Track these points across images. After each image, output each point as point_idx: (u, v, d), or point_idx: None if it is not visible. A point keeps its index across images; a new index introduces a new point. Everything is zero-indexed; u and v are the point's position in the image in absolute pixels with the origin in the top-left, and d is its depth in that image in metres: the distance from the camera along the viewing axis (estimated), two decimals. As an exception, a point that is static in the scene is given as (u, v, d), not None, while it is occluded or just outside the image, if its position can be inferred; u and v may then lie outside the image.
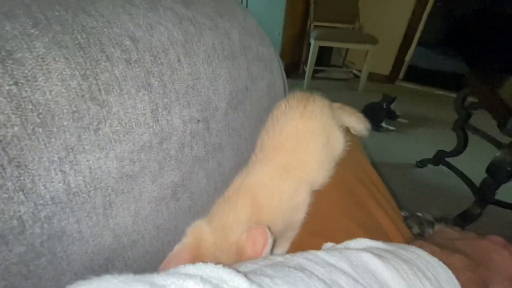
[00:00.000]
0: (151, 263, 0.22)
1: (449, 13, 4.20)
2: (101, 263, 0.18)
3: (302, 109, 0.32)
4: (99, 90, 0.16)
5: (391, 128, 1.80)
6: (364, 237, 0.23)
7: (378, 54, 2.37)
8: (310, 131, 0.31)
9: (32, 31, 0.14)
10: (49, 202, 0.14)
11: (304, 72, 2.39)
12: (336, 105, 0.47)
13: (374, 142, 1.70)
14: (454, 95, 1.23)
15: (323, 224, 0.32)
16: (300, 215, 0.28)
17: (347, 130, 0.47)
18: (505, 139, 0.83)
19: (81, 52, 0.15)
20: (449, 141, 1.32)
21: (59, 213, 0.15)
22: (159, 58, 0.20)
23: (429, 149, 1.41)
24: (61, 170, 0.14)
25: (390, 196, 0.44)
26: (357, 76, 2.48)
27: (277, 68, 0.42)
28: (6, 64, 0.13)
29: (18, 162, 0.13)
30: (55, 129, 0.14)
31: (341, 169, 0.36)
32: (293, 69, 2.69)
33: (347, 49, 2.65)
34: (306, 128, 0.31)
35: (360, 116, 0.49)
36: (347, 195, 0.35)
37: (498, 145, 0.91)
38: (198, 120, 0.25)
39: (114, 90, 0.17)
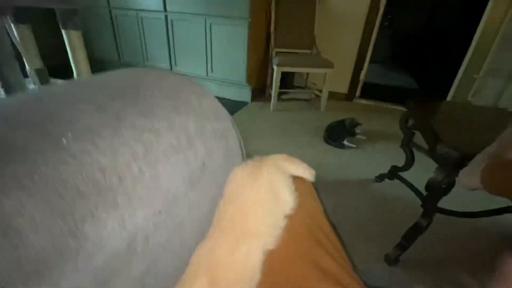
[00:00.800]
0: None
1: (395, 32, 4.70)
2: None
3: (251, 184, 0.39)
4: (76, 225, 0.21)
5: (352, 145, 1.96)
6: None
7: (336, 75, 2.57)
8: (258, 202, 0.37)
9: (24, 199, 0.18)
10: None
11: (270, 95, 2.51)
12: (283, 158, 0.54)
13: (338, 160, 1.82)
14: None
15: (276, 277, 0.37)
16: (257, 277, 0.34)
17: (299, 179, 0.54)
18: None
19: (61, 201, 0.20)
20: (403, 155, 1.47)
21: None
22: (124, 176, 0.26)
23: (387, 164, 1.56)
24: (49, 300, 0.19)
25: (339, 244, 0.49)
26: (318, 96, 2.66)
27: (232, 133, 0.49)
28: (7, 234, 0.17)
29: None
30: (44, 271, 0.18)
31: (293, 221, 0.43)
32: (259, 92, 2.81)
33: (308, 72, 2.84)
34: (255, 200, 0.37)
35: (305, 166, 0.56)
36: (297, 248, 0.41)
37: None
38: (160, 211, 0.30)
39: (88, 219, 0.22)
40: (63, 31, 1.29)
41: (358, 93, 2.90)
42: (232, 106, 2.54)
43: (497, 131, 0.73)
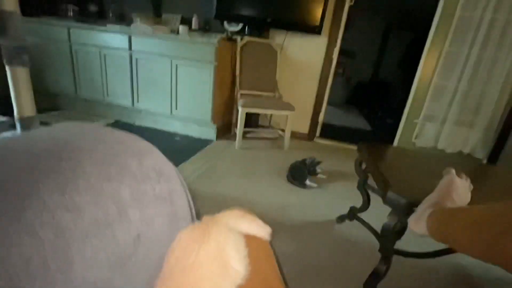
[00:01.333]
0: None
1: (348, 79, 5.27)
2: None
3: (196, 251, 0.35)
4: None
5: (314, 185, 2.00)
6: None
7: (297, 116, 2.71)
8: (202, 277, 0.33)
9: None
10: None
11: (235, 133, 2.54)
12: (236, 214, 0.51)
13: (301, 200, 1.84)
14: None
15: None
16: None
17: (253, 239, 0.51)
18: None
19: None
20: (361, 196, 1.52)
21: None
22: (19, 274, 0.21)
23: (347, 203, 1.60)
24: None
25: None
26: (282, 136, 2.75)
27: (180, 195, 0.45)
28: None
29: None
30: None
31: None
32: (225, 131, 2.83)
33: (271, 114, 2.96)
34: (198, 274, 0.33)
35: (259, 222, 0.54)
36: None
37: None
38: (70, 311, 0.24)
39: None
40: (6, 67, 1.19)
41: (318, 133, 3.08)
42: (197, 144, 2.49)
43: (439, 177, 0.80)
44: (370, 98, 5.24)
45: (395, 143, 2.87)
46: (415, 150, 2.43)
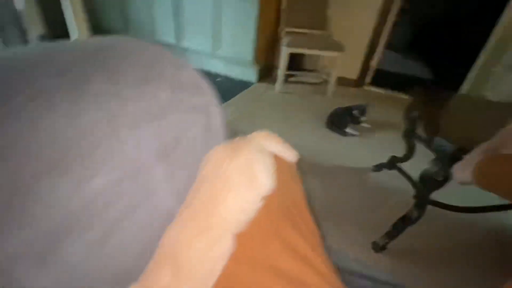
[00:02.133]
0: None
1: (415, 17, 4.44)
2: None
3: (227, 164, 0.38)
4: (29, 181, 0.21)
5: (355, 133, 1.93)
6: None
7: (346, 59, 2.49)
8: (229, 185, 0.37)
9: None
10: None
11: (277, 75, 2.46)
12: (264, 134, 0.53)
13: (338, 146, 1.81)
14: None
15: (246, 252, 0.38)
16: (222, 263, 0.34)
17: (281, 160, 0.54)
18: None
19: (14, 159, 0.20)
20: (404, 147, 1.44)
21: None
22: (83, 141, 0.26)
23: (388, 154, 1.54)
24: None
25: (316, 229, 0.50)
26: (327, 80, 2.59)
27: (215, 110, 0.48)
28: None
29: None
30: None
31: (269, 201, 0.43)
32: (266, 73, 2.75)
33: (318, 55, 2.74)
34: (227, 183, 0.37)
35: (286, 145, 0.55)
36: (271, 226, 0.42)
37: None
38: (122, 179, 0.30)
39: (43, 177, 0.22)
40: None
41: (368, 80, 2.81)
42: (237, 86, 2.50)
43: (500, 126, 0.70)
44: (439, 41, 4.43)
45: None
46: (478, 98, 2.08)
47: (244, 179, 0.40)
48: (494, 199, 1.21)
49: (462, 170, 0.76)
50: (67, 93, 0.26)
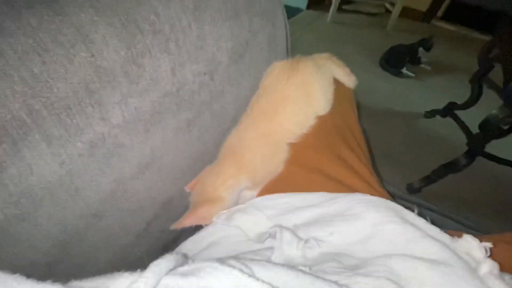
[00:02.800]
0: (172, 174, 0.34)
1: None
2: (142, 165, 0.29)
3: (285, 80, 0.39)
4: (137, 56, 0.24)
5: (411, 74, 1.74)
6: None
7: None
8: (288, 99, 0.38)
9: (95, 18, 0.22)
10: (115, 126, 0.24)
11: (330, 2, 2.18)
12: (325, 56, 0.51)
13: (391, 88, 1.67)
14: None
15: (301, 157, 0.42)
16: (278, 170, 0.38)
17: (339, 83, 0.53)
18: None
19: (124, 30, 0.23)
20: (466, 93, 1.29)
21: (120, 133, 0.25)
22: (175, 26, 0.28)
23: (445, 100, 1.40)
24: (120, 108, 0.24)
25: (365, 147, 0.51)
26: (389, 11, 2.24)
27: (280, 20, 0.46)
28: (86, 43, 0.21)
29: (99, 101, 0.23)
30: (115, 83, 0.23)
31: (324, 118, 0.44)
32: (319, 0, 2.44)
33: (383, -23, 2.32)
34: (285, 96, 0.38)
35: (347, 70, 0.53)
36: (324, 139, 0.44)
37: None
38: (205, 73, 0.33)
39: (146, 55, 0.25)
40: None
41: (440, 13, 2.36)
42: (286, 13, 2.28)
43: None
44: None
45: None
46: None
47: (301, 95, 0.41)
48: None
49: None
50: None
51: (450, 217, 0.48)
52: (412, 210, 0.29)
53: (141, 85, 0.25)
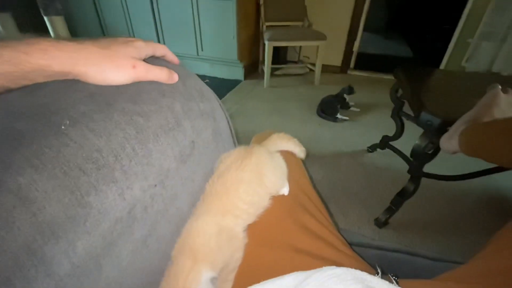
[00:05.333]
0: None
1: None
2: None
3: (239, 163, 0.42)
4: (82, 197, 0.25)
5: (345, 118, 1.99)
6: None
7: (329, 47, 2.53)
8: (241, 181, 0.41)
9: (35, 176, 0.22)
10: (64, 276, 0.23)
11: (263, 71, 2.49)
12: (275, 136, 0.57)
13: (332, 133, 1.86)
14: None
15: (264, 235, 0.42)
16: (238, 254, 0.38)
17: (289, 153, 0.58)
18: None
19: (67, 177, 0.24)
20: (394, 125, 1.50)
21: (70, 283, 0.23)
22: (119, 155, 0.29)
23: (379, 134, 1.60)
24: (67, 257, 0.23)
25: (325, 211, 0.54)
26: (312, 70, 2.64)
27: (220, 113, 0.52)
28: (26, 205, 0.21)
29: (43, 259, 0.21)
30: (60, 233, 0.23)
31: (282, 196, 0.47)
32: (252, 69, 2.78)
33: (300, 46, 2.79)
34: (239, 179, 0.41)
35: (295, 141, 0.60)
36: (284, 212, 0.46)
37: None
38: (155, 185, 0.34)
39: (92, 192, 0.26)
40: (45, 18, 1.26)
41: (352, 64, 2.87)
42: (225, 85, 2.52)
43: (480, 96, 0.76)
44: (415, 19, 4.53)
45: (441, 68, 2.59)
46: (458, 72, 2.17)
47: (254, 176, 0.44)
48: (481, 165, 1.29)
49: (448, 141, 0.82)
50: (100, 114, 0.29)
51: (416, 254, 0.52)
52: (377, 271, 0.31)
53: (88, 223, 0.25)
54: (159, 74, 0.38)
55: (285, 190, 0.49)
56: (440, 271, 0.37)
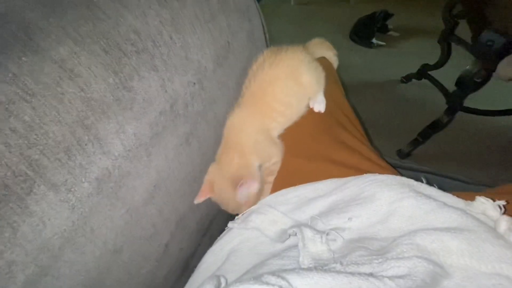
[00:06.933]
0: (180, 191, 0.33)
1: None
2: (151, 189, 0.28)
3: (272, 60, 0.38)
4: (126, 80, 0.23)
5: (382, 43, 1.78)
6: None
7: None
8: (276, 79, 0.37)
9: (76, 49, 0.20)
10: (118, 157, 0.23)
11: (292, -16, 2.16)
12: (312, 42, 0.51)
13: (365, 60, 1.70)
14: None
15: (301, 148, 0.42)
16: (275, 159, 0.38)
17: (322, 60, 0.53)
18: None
19: (108, 55, 0.22)
20: (437, 53, 1.33)
21: (124, 163, 0.24)
22: (157, 41, 0.26)
23: (417, 63, 1.44)
24: (119, 138, 0.23)
25: (359, 124, 0.51)
26: (350, -15, 2.25)
27: (255, 14, 0.45)
28: (72, 78, 0.20)
29: (97, 135, 0.21)
30: (110, 113, 0.22)
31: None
32: (279, -18, 2.40)
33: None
34: (273, 75, 0.37)
35: (328, 44, 0.54)
36: (320, 125, 0.44)
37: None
38: (194, 83, 0.32)
39: (135, 77, 0.24)
40: None
41: (398, -22, 2.40)
42: (248, 2, 2.24)
43: None
44: None
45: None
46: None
47: (290, 73, 0.40)
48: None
49: (509, 66, 0.72)
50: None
51: (449, 176, 0.51)
52: (421, 180, 0.30)
53: (135, 109, 0.24)
54: None
55: (321, 107, 0.46)
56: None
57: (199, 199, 0.34)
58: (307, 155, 0.42)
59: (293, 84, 0.39)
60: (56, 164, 0.19)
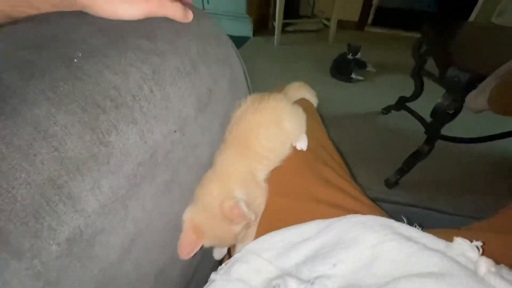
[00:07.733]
0: (159, 242, 0.32)
1: None
2: (127, 244, 0.27)
3: (256, 107, 0.40)
4: (103, 135, 0.23)
5: (360, 78, 1.90)
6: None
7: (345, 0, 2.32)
8: (260, 124, 0.39)
9: (52, 110, 0.21)
10: (91, 213, 0.23)
11: (273, 27, 2.34)
12: (291, 86, 0.55)
13: (346, 93, 1.79)
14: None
15: (285, 187, 0.42)
16: (260, 200, 0.38)
17: (303, 101, 0.56)
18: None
19: (86, 113, 0.22)
20: (412, 86, 1.43)
21: (98, 220, 0.23)
22: (137, 96, 0.27)
23: (395, 95, 1.53)
24: (93, 194, 0.23)
25: (342, 162, 0.53)
26: (327, 26, 2.46)
27: (235, 61, 0.48)
28: (46, 138, 0.20)
29: (70, 194, 0.21)
30: (84, 170, 0.22)
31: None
32: (262, 25, 2.61)
33: (315, -2, 2.56)
34: (256, 122, 0.39)
35: (307, 87, 0.57)
36: (303, 164, 0.45)
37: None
38: (175, 131, 0.32)
39: (112, 132, 0.24)
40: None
41: (370, 20, 2.66)
42: (233, 42, 2.39)
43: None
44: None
45: (468, 25, 2.37)
46: (489, 25, 1.98)
47: (273, 120, 0.42)
48: (496, 128, 1.24)
49: (476, 98, 0.78)
50: (114, 50, 0.27)
51: (434, 209, 0.51)
52: (403, 219, 0.31)
53: (112, 163, 0.24)
54: (173, 10, 0.34)
55: (303, 145, 0.47)
56: (457, 226, 0.37)
57: (188, 254, 0.33)
58: (293, 194, 0.42)
59: (276, 130, 0.41)
60: (22, 229, 0.18)
